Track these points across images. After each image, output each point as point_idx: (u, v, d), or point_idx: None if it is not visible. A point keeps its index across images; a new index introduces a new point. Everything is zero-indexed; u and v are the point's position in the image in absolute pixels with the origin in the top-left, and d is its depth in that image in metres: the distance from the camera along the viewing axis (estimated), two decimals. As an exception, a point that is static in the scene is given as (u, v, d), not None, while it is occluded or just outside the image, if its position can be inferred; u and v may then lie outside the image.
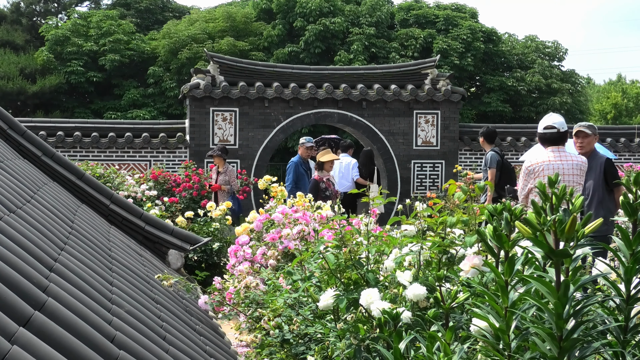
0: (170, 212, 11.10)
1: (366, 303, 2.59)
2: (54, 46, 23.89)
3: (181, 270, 6.40)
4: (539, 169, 6.21)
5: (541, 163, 6.23)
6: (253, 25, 25.04)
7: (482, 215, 3.01)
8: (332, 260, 3.20)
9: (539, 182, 1.91)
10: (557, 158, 6.22)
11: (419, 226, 3.19)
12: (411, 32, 24.50)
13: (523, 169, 6.46)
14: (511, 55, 26.37)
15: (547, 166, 6.18)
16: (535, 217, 1.81)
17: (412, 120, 16.11)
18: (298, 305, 3.72)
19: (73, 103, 24.02)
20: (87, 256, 3.65)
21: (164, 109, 23.14)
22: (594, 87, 47.61)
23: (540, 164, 6.23)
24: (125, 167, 15.18)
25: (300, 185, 10.35)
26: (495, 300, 1.87)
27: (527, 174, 6.30)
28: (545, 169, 6.15)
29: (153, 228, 6.36)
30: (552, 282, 1.77)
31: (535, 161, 6.30)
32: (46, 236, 3.38)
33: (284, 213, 5.31)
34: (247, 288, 4.33)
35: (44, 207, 4.12)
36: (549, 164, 6.19)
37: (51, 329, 2.16)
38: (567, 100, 24.90)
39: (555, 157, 6.23)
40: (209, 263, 8.72)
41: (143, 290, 3.92)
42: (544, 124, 6.38)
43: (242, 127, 15.41)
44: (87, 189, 6.26)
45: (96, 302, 2.82)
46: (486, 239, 2.03)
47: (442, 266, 2.88)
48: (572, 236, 1.79)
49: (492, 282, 2.11)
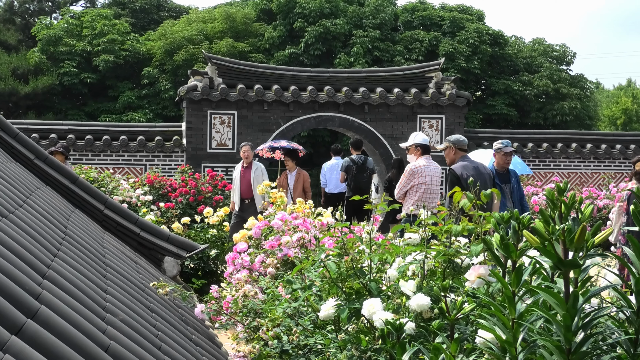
0: (166, 217, 11.11)
1: (368, 313, 2.59)
2: (46, 46, 23.92)
3: (177, 278, 6.40)
4: (421, 171, 8.36)
5: (423, 166, 8.39)
6: (253, 26, 25.09)
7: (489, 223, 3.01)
8: (333, 268, 3.21)
9: (548, 189, 1.91)
10: (430, 164, 8.47)
11: (423, 234, 3.19)
12: (416, 34, 24.52)
13: (407, 170, 8.44)
14: (518, 58, 26.42)
15: (425, 169, 8.37)
16: (543, 226, 1.82)
17: (416, 125, 16.13)
18: (298, 315, 3.72)
19: (66, 105, 24.05)
20: (80, 263, 3.65)
21: (159, 110, 23.16)
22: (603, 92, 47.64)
23: (422, 167, 8.38)
24: (119, 171, 15.19)
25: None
26: (502, 312, 1.88)
27: (411, 174, 8.35)
28: (424, 172, 8.34)
29: (148, 234, 6.36)
30: (560, 293, 1.77)
31: (418, 164, 8.41)
32: (39, 242, 3.39)
33: (283, 220, 5.31)
34: (245, 297, 4.33)
35: (36, 212, 4.12)
36: (425, 168, 8.38)
37: (44, 337, 2.16)
38: (576, 105, 24.93)
39: (428, 163, 8.45)
40: (206, 271, 8.72)
41: (138, 298, 3.92)
42: (419, 139, 8.60)
43: (241, 131, 15.43)
44: (80, 193, 6.26)
45: (90, 310, 2.82)
46: (493, 248, 2.04)
47: (447, 276, 2.89)
48: (582, 246, 1.79)
49: (499, 292, 2.12)
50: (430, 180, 8.41)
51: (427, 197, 8.35)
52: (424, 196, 8.31)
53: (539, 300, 1.89)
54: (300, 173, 12.22)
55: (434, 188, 8.48)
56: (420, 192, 8.34)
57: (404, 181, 8.44)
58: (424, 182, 8.37)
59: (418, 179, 8.35)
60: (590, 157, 17.63)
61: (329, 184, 13.65)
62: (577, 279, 1.79)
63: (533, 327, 1.85)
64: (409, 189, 8.39)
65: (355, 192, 12.26)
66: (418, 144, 8.60)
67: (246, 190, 11.96)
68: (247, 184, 11.96)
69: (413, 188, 8.36)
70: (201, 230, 9.10)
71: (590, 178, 17.63)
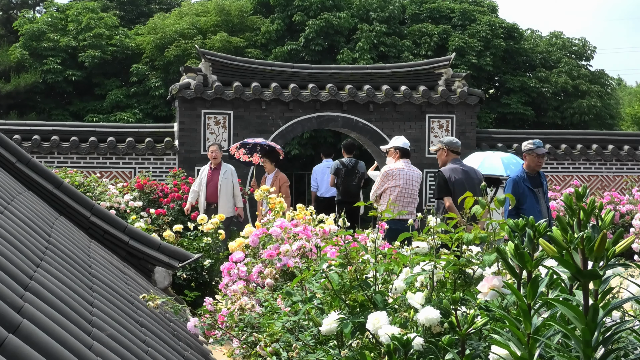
0: (157, 225, 11.13)
1: (373, 328, 2.60)
2: (29, 42, 23.94)
3: (169, 290, 6.40)
4: (396, 173, 8.75)
5: (399, 169, 8.79)
6: (249, 19, 25.10)
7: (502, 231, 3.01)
8: (335, 279, 3.21)
9: (566, 194, 1.91)
10: (407, 168, 8.89)
11: (432, 243, 3.19)
12: (424, 27, 24.50)
13: (382, 172, 8.89)
14: (534, 53, 26.42)
15: (401, 172, 8.77)
16: (561, 233, 1.82)
17: (425, 125, 16.15)
18: (298, 329, 3.72)
19: (50, 104, 24.06)
20: (65, 274, 3.65)
21: (149, 110, 23.16)
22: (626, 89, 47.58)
23: (397, 170, 8.78)
24: (107, 175, 15.21)
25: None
26: (517, 326, 1.88)
27: (385, 176, 8.78)
28: (399, 174, 8.75)
29: (138, 243, 6.37)
30: (579, 305, 1.77)
31: (394, 167, 8.81)
32: (21, 251, 3.39)
33: (282, 227, 5.32)
34: (242, 310, 4.33)
35: (18, 219, 4.13)
36: (402, 171, 8.79)
37: (26, 353, 2.16)
38: (596, 103, 24.91)
39: (406, 167, 8.87)
40: (200, 282, 8.72)
41: (126, 311, 3.92)
42: (399, 143, 9.06)
43: (237, 132, 15.45)
44: (65, 199, 6.27)
45: (75, 324, 2.82)
46: (507, 257, 2.04)
47: (458, 287, 2.89)
48: (602, 255, 1.79)
49: (513, 305, 2.11)
50: (405, 183, 8.76)
51: (401, 201, 8.69)
52: (397, 199, 8.63)
53: (556, 313, 1.89)
54: (277, 175, 12.15)
55: (409, 192, 8.82)
56: (393, 194, 8.66)
57: (378, 183, 8.86)
58: (397, 185, 8.72)
59: (392, 181, 8.72)
60: (612, 159, 17.62)
61: (320, 188, 13.82)
62: (597, 290, 1.79)
63: (550, 342, 1.85)
64: (382, 191, 8.76)
65: (344, 195, 12.52)
66: (397, 146, 9.02)
67: (212, 193, 11.99)
68: (214, 187, 11.98)
69: (387, 190, 8.72)
70: (194, 239, 9.10)
71: (612, 181, 17.62)
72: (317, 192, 13.91)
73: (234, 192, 12.14)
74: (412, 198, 8.89)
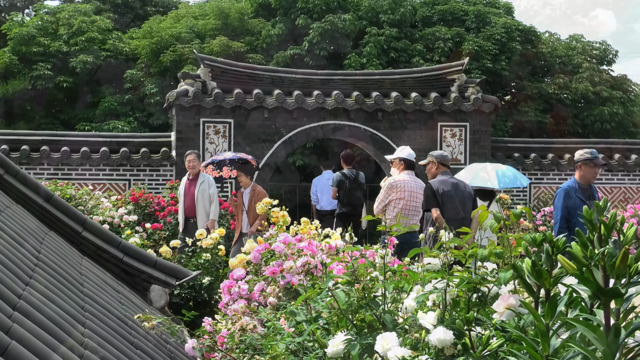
0: (153, 240, 11.14)
1: (382, 350, 2.60)
2: (17, 46, 24.03)
3: (165, 310, 6.40)
4: (400, 185, 9.11)
5: (403, 181, 9.14)
6: (250, 22, 25.16)
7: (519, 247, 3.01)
8: (342, 298, 3.21)
9: (585, 208, 1.92)
10: (411, 180, 9.25)
11: (445, 259, 3.20)
12: (437, 30, 24.50)
13: (386, 184, 9.19)
14: (553, 57, 26.41)
15: (405, 184, 9.13)
16: (580, 249, 1.82)
17: (436, 134, 16.15)
18: (302, 351, 3.72)
19: (39, 112, 24.12)
20: (56, 292, 3.66)
21: (144, 118, 23.19)
22: (650, 96, 47.52)
23: (402, 182, 9.13)
24: (100, 187, 15.24)
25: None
26: (535, 348, 1.88)
27: (389, 188, 9.11)
28: (403, 187, 9.10)
29: (133, 259, 6.38)
30: (600, 326, 1.77)
31: (398, 179, 9.17)
32: (9, 268, 3.40)
33: (286, 242, 5.32)
34: (243, 331, 4.33)
35: (6, 235, 4.14)
36: (406, 183, 9.15)
37: (15, 377, 2.17)
38: (619, 110, 24.86)
39: (410, 179, 9.23)
40: (198, 301, 8.72)
41: (120, 333, 3.93)
42: (404, 154, 9.39)
43: (238, 142, 15.47)
44: (56, 213, 6.29)
45: (66, 346, 2.83)
46: (524, 275, 2.04)
47: (472, 307, 2.89)
48: (624, 272, 1.80)
49: (531, 325, 2.12)
50: (409, 196, 9.11)
51: (406, 213, 8.98)
52: (402, 212, 8.94)
53: (575, 334, 1.89)
54: (254, 189, 11.68)
55: (413, 204, 9.13)
56: (398, 207, 9.03)
57: (382, 195, 9.19)
58: (402, 197, 9.08)
59: (396, 193, 9.10)
60: (636, 170, 17.60)
61: (320, 201, 13.88)
62: (619, 309, 1.80)
63: (570, 365, 1.85)
64: (387, 203, 9.11)
65: (348, 208, 12.60)
66: (402, 158, 9.39)
67: (190, 207, 11.49)
68: (191, 200, 11.47)
69: (391, 203, 9.10)
70: (193, 255, 9.11)
71: (635, 194, 17.59)
72: (317, 205, 13.94)
73: (211, 203, 11.58)
74: (416, 211, 9.10)
